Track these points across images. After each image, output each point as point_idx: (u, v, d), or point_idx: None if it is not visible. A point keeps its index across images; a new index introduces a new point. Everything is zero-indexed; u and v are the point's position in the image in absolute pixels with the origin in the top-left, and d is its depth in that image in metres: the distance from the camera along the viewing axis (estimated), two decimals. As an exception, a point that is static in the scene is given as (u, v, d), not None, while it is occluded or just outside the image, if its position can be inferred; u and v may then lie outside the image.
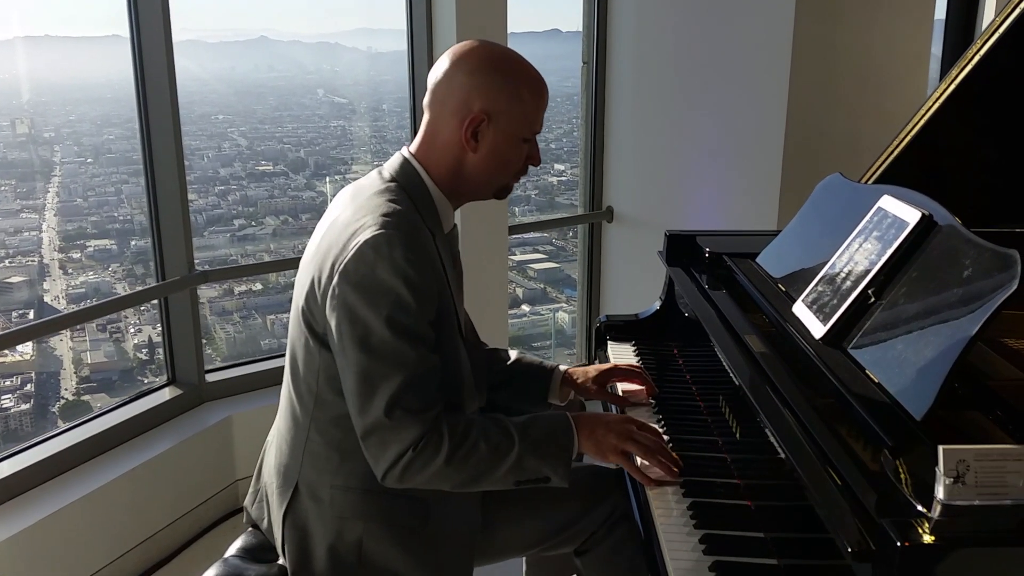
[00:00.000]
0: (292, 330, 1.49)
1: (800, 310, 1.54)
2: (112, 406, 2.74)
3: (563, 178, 4.30)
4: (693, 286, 1.92)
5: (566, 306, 4.32)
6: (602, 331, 2.16)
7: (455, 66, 1.43)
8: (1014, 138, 1.93)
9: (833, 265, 1.54)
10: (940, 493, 0.97)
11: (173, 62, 2.61)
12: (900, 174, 1.90)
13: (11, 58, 2.84)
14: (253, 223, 3.48)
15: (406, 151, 1.49)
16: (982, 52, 1.81)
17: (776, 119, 3.05)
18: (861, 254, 1.48)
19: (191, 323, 2.82)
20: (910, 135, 1.92)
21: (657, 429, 1.56)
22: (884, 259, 1.40)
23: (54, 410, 2.97)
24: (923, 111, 1.90)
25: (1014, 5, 1.77)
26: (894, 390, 1.19)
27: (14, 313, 2.87)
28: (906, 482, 1.03)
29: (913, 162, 1.92)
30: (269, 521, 1.56)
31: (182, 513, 2.73)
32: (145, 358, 3.16)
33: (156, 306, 2.90)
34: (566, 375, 1.79)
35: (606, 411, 1.84)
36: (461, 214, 1.61)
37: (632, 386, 1.83)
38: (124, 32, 2.61)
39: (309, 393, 1.45)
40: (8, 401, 2.82)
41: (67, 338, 3.03)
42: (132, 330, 3.20)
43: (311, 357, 1.43)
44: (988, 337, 1.43)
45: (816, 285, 1.54)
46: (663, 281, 2.14)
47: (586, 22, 3.65)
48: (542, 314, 4.34)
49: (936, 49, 3.49)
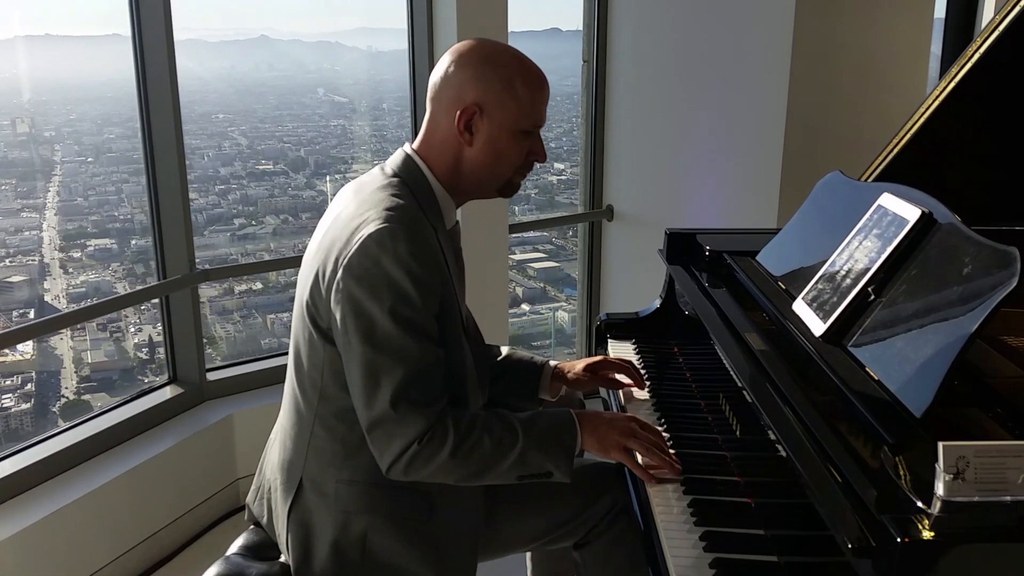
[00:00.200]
0: (295, 325, 1.49)
1: (800, 308, 1.54)
2: (113, 405, 2.74)
3: (563, 177, 4.30)
4: (693, 284, 1.93)
5: (566, 305, 4.32)
6: (602, 329, 2.16)
7: (452, 62, 1.44)
8: (1014, 136, 1.93)
9: (833, 263, 1.54)
10: (940, 489, 0.98)
11: (175, 61, 2.61)
12: (900, 172, 1.91)
13: (12, 57, 2.84)
14: (253, 222, 3.48)
15: (408, 147, 1.50)
16: (982, 50, 1.81)
17: (776, 117, 3.05)
18: (861, 252, 1.48)
19: (192, 321, 2.83)
20: (910, 133, 1.92)
21: (658, 430, 1.57)
22: (884, 257, 1.40)
23: (55, 409, 2.97)
24: (923, 109, 1.90)
25: (1013, 3, 1.77)
26: (894, 387, 1.19)
27: (15, 312, 2.87)
28: (906, 479, 1.03)
29: (913, 160, 1.92)
30: (272, 518, 1.56)
31: (183, 512, 2.73)
32: (145, 357, 3.16)
33: (156, 305, 2.91)
34: (556, 370, 1.79)
35: (607, 410, 1.84)
36: (461, 213, 1.61)
37: (622, 378, 1.83)
38: (125, 31, 2.61)
39: (313, 388, 1.45)
40: (9, 400, 2.82)
41: (67, 337, 3.03)
42: (132, 329, 3.20)
43: (315, 352, 1.43)
44: (988, 334, 1.44)
45: (816, 283, 1.54)
46: (663, 279, 2.14)
47: (586, 21, 3.65)
48: (542, 313, 4.34)
49: (936, 47, 3.50)
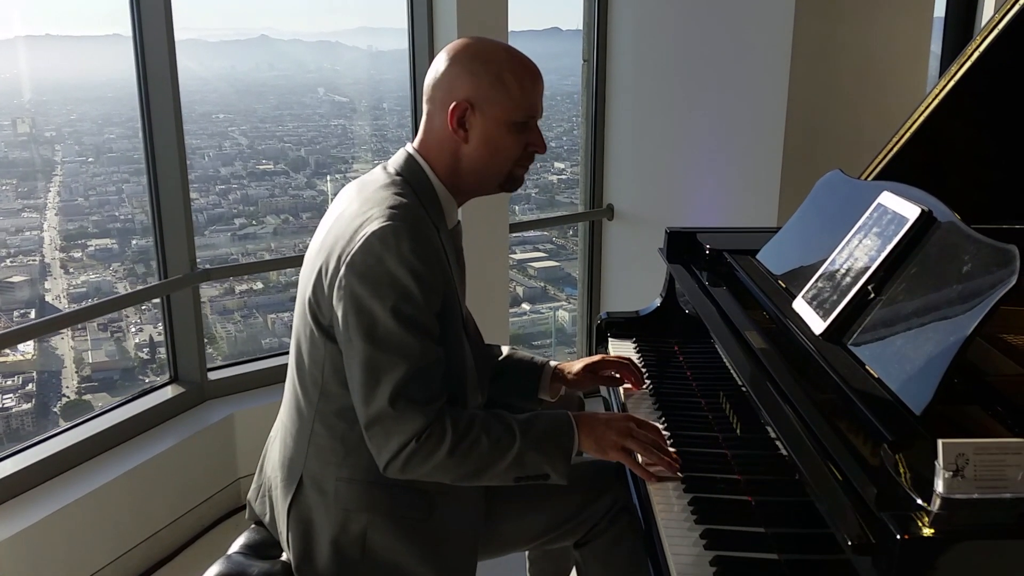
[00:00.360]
0: (297, 323, 1.49)
1: (800, 306, 1.54)
2: (114, 405, 2.74)
3: (563, 176, 4.29)
4: (693, 283, 1.93)
5: (566, 304, 4.32)
6: (603, 328, 2.17)
7: (444, 61, 1.45)
8: (1013, 135, 1.93)
9: (833, 261, 1.54)
10: (940, 487, 0.98)
11: (175, 61, 2.62)
12: (900, 170, 1.91)
13: (12, 57, 2.84)
14: (254, 222, 3.48)
15: (410, 147, 1.50)
16: (981, 49, 1.82)
17: (776, 116, 3.05)
18: (861, 250, 1.48)
19: (193, 321, 2.83)
20: (909, 132, 1.92)
21: (657, 427, 1.56)
22: (884, 255, 1.40)
23: (56, 409, 2.97)
24: (922, 108, 1.91)
25: (1013, 2, 1.77)
26: (894, 385, 1.19)
27: (15, 312, 2.87)
28: (906, 476, 1.04)
29: (912, 159, 1.93)
30: (273, 515, 1.56)
31: (184, 511, 2.73)
32: (146, 357, 3.16)
33: (157, 305, 2.91)
34: (556, 370, 1.79)
35: (607, 410, 1.85)
36: (462, 213, 1.61)
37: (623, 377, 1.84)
38: (126, 31, 2.61)
39: (314, 385, 1.45)
40: (10, 400, 2.82)
41: (68, 337, 3.03)
42: (133, 329, 3.20)
43: (316, 349, 1.43)
44: (987, 332, 1.44)
45: (816, 281, 1.54)
46: (664, 278, 2.14)
47: (586, 20, 3.65)
48: (542, 312, 4.34)
49: (936, 46, 3.50)
